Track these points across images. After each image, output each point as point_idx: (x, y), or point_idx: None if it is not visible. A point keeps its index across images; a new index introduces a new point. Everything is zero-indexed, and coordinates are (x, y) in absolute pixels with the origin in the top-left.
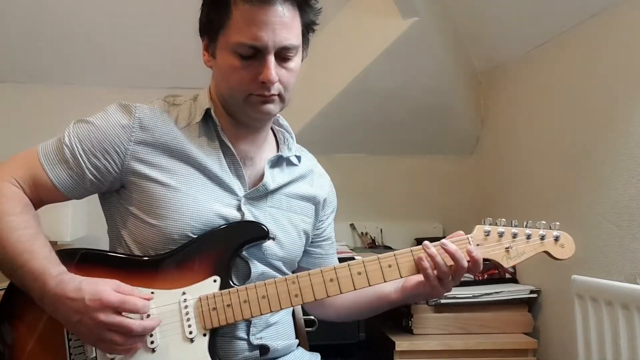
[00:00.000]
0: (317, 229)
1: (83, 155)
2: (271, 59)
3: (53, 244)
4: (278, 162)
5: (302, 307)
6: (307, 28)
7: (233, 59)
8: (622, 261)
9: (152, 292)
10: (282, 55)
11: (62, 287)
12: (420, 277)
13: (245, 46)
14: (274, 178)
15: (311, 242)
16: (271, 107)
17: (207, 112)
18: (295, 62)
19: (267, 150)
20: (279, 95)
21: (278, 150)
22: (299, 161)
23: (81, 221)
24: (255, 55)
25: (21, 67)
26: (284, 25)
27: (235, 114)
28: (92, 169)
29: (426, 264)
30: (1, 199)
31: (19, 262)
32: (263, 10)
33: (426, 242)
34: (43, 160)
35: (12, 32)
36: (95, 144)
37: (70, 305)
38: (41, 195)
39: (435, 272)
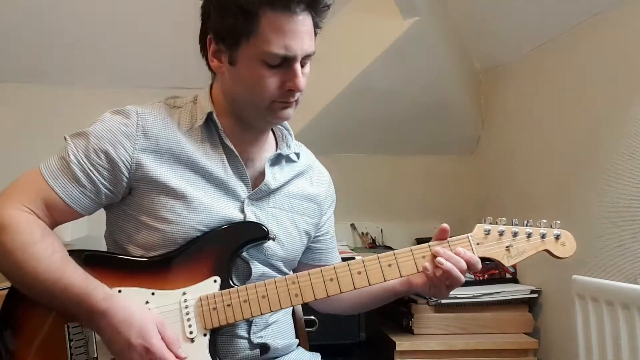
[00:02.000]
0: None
1: (94, 170)
2: (299, 67)
3: None
4: (277, 160)
5: (303, 307)
6: (315, 31)
7: (260, 68)
8: (623, 261)
9: (153, 293)
10: (302, 62)
11: (111, 315)
12: (425, 278)
13: (277, 56)
14: (274, 176)
15: (312, 238)
16: (290, 111)
17: (209, 116)
18: (309, 67)
19: (267, 149)
20: (296, 100)
21: (277, 148)
22: (298, 157)
23: (81, 221)
24: (281, 63)
25: (21, 67)
26: (308, 34)
27: (250, 119)
28: (105, 182)
29: (431, 272)
30: (18, 228)
31: (56, 291)
32: (293, 20)
33: (439, 259)
34: (51, 182)
35: (12, 32)
36: (102, 156)
37: (115, 337)
38: (55, 218)
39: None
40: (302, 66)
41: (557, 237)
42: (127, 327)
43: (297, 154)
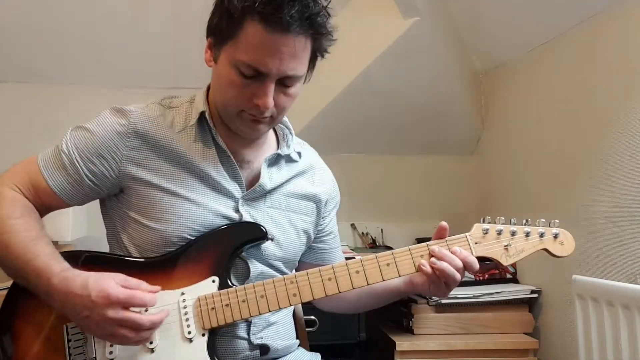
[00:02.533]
0: (319, 225)
1: (80, 161)
2: (271, 86)
3: (54, 243)
4: (276, 160)
5: (303, 306)
6: (316, 54)
7: (234, 73)
8: (623, 261)
9: None
10: (284, 83)
11: (68, 283)
12: (425, 277)
13: (249, 67)
14: (271, 177)
15: (314, 238)
16: (261, 126)
17: (202, 115)
18: (295, 88)
19: (266, 149)
20: (271, 116)
21: (278, 147)
22: (300, 157)
23: (82, 221)
24: (256, 76)
25: (21, 67)
26: (292, 56)
27: (227, 123)
28: (89, 174)
29: (429, 270)
30: (1, 203)
31: (22, 262)
32: (275, 38)
33: (433, 259)
34: (42, 167)
35: (12, 32)
36: (92, 150)
37: (77, 301)
38: (43, 201)
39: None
40: (287, 87)
41: (556, 236)
42: (85, 289)
43: (299, 154)
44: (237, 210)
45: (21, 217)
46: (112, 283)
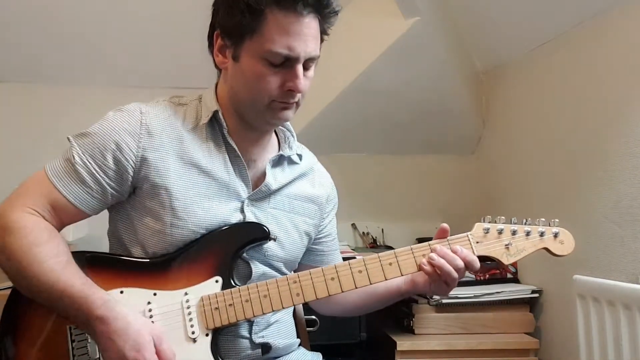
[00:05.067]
0: (319, 227)
1: (99, 171)
2: (301, 69)
3: None
4: (279, 161)
5: (304, 307)
6: (322, 35)
7: (261, 65)
8: (624, 261)
9: (155, 294)
10: (306, 65)
11: (108, 322)
12: (426, 276)
13: (279, 55)
14: (275, 178)
15: (313, 240)
16: (289, 113)
17: (214, 114)
18: (312, 70)
19: (270, 150)
20: (297, 102)
21: (279, 149)
22: (300, 159)
23: (82, 221)
24: (284, 63)
25: (21, 67)
26: (313, 37)
27: (250, 118)
28: (111, 182)
29: (429, 269)
30: (24, 230)
31: (57, 292)
32: (298, 21)
33: (432, 255)
34: (58, 184)
35: (12, 32)
36: (108, 157)
37: (110, 345)
38: (62, 219)
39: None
40: (306, 69)
41: (556, 235)
42: (123, 337)
43: (300, 156)
44: (242, 211)
45: (47, 242)
46: (150, 347)
